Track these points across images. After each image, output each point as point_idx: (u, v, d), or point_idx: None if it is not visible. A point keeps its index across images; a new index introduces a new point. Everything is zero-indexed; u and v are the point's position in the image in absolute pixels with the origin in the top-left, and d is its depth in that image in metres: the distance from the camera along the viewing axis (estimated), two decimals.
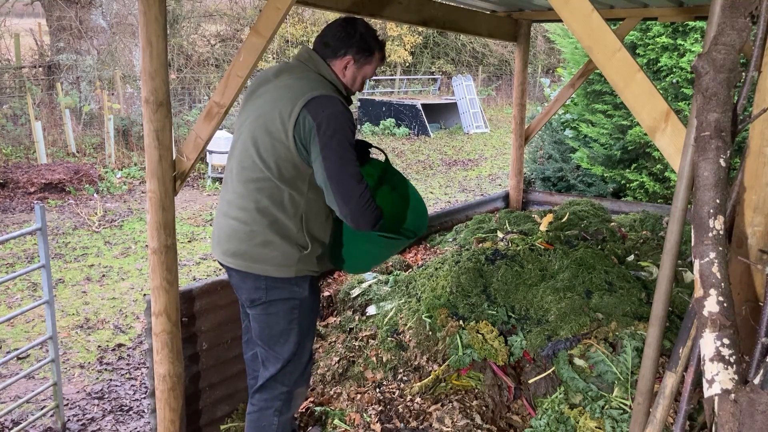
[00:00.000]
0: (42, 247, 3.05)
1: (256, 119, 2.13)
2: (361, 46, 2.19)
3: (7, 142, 10.38)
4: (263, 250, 2.12)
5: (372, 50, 2.22)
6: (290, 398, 2.30)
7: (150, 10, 2.20)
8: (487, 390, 2.70)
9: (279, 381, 2.26)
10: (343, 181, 2.01)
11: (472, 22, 4.15)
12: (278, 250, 2.13)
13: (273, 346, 2.24)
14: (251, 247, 2.14)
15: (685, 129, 1.54)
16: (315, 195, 2.13)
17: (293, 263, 2.14)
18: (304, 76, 2.14)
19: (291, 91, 2.09)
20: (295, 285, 2.18)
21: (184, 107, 12.79)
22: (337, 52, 2.18)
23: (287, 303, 2.19)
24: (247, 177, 2.14)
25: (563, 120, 8.09)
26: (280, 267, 2.14)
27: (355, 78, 2.24)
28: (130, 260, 6.32)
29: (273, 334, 2.22)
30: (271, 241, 2.12)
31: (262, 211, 2.11)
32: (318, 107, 2.02)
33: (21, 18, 15.70)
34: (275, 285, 2.16)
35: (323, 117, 2.01)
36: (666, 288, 1.60)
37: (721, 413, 1.28)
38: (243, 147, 2.16)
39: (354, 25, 2.20)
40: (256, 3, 18.16)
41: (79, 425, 3.49)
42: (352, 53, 2.18)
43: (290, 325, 2.21)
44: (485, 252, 3.31)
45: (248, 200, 2.13)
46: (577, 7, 1.67)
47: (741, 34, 1.42)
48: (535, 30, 19.74)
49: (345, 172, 2.01)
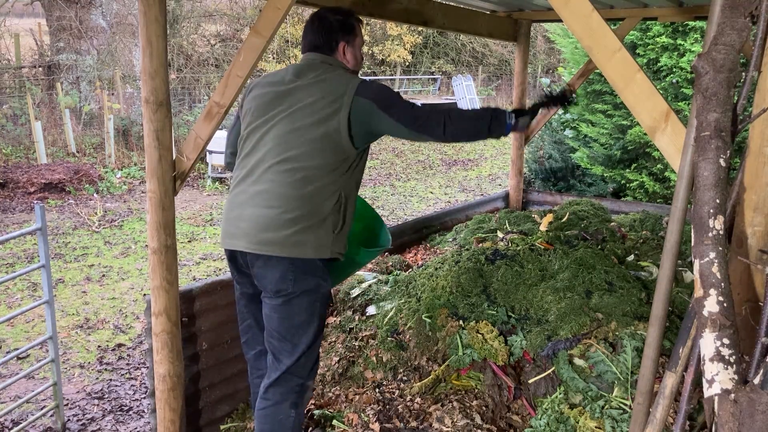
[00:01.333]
0: (42, 247, 3.05)
1: (297, 112, 2.20)
2: (342, 28, 2.33)
3: (7, 142, 10.38)
4: (302, 235, 2.15)
5: (352, 26, 2.37)
6: (304, 390, 2.31)
7: (150, 10, 2.20)
8: (487, 390, 2.70)
9: (294, 373, 2.27)
10: (422, 120, 2.19)
11: (472, 22, 4.15)
12: (316, 233, 2.17)
13: (290, 337, 2.23)
14: (290, 233, 2.14)
15: (685, 129, 1.54)
16: (352, 179, 2.27)
17: (330, 244, 2.20)
18: (330, 70, 2.27)
19: (332, 84, 2.22)
20: (322, 275, 2.23)
21: (184, 107, 12.79)
22: (331, 44, 2.31)
23: (312, 295, 2.22)
24: (289, 167, 2.16)
25: (563, 120, 8.09)
26: (318, 248, 2.18)
27: (356, 56, 2.40)
28: (130, 260, 6.32)
29: (293, 325, 2.22)
30: (309, 226, 2.16)
31: (301, 198, 2.15)
32: (365, 90, 2.19)
33: (21, 18, 15.70)
34: (304, 275, 2.19)
35: (374, 93, 2.19)
36: (666, 288, 1.60)
37: (721, 413, 1.28)
38: (283, 141, 2.19)
39: (324, 17, 2.34)
40: (256, 3, 18.16)
41: (79, 425, 3.49)
42: (342, 38, 2.33)
43: (311, 318, 2.24)
44: (485, 252, 3.31)
45: (288, 188, 2.15)
46: (577, 7, 1.67)
47: (741, 34, 1.42)
48: (535, 30, 19.73)
49: (420, 112, 2.20)
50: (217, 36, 17.95)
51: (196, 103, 13.30)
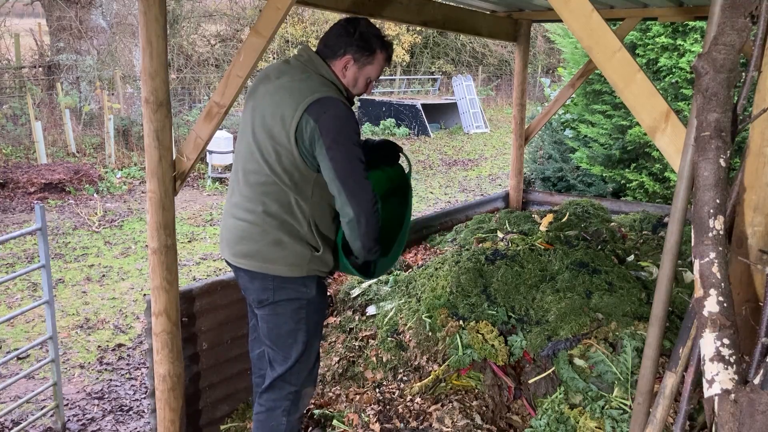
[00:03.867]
0: (42, 247, 3.05)
1: (258, 122, 2.12)
2: (361, 44, 2.12)
3: (7, 142, 10.38)
4: (275, 249, 2.12)
5: (373, 49, 2.15)
6: (298, 398, 2.30)
7: (150, 10, 2.20)
8: (487, 390, 2.70)
9: (287, 381, 2.26)
10: (353, 181, 1.99)
11: (472, 22, 4.14)
12: (289, 249, 2.12)
13: (281, 346, 2.23)
14: (263, 246, 2.13)
15: (685, 129, 1.54)
16: (320, 198, 2.12)
17: (305, 263, 2.14)
18: (304, 78, 2.10)
19: (291, 94, 2.06)
20: (302, 285, 2.18)
21: (184, 107, 12.79)
22: (336, 51, 2.13)
23: (294, 303, 2.19)
24: (253, 180, 2.13)
25: (563, 120, 8.09)
26: (291, 266, 2.13)
27: (356, 79, 2.17)
28: (130, 260, 6.32)
29: (281, 334, 2.22)
30: (281, 240, 2.12)
31: (271, 214, 2.11)
32: (319, 109, 1.99)
33: (21, 18, 15.70)
34: (283, 285, 2.16)
35: (325, 119, 1.98)
36: (666, 288, 1.60)
37: (721, 413, 1.28)
38: (248, 150, 2.15)
39: (355, 23, 2.14)
40: (256, 3, 18.16)
41: (79, 425, 3.49)
42: (352, 52, 2.12)
43: (297, 325, 2.21)
44: (485, 252, 3.31)
45: (256, 203, 2.12)
46: (577, 7, 1.67)
47: (741, 34, 1.42)
48: (535, 30, 19.74)
49: (355, 173, 1.99)
50: (217, 36, 17.95)
51: (196, 103, 13.30)
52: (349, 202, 2.00)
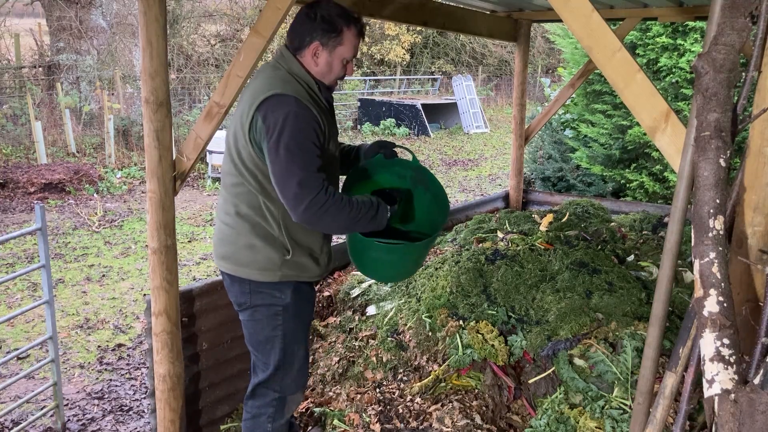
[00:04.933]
0: (42, 247, 3.05)
1: (231, 126, 2.12)
2: (325, 27, 2.02)
3: (7, 142, 10.38)
4: (248, 253, 2.11)
5: (338, 28, 2.03)
6: (283, 404, 2.26)
7: (150, 10, 2.20)
8: (487, 390, 2.70)
9: (269, 387, 2.23)
10: (288, 185, 1.92)
11: (472, 22, 4.14)
12: (261, 253, 2.10)
13: (260, 351, 2.21)
14: (237, 249, 2.13)
15: (685, 129, 1.54)
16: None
17: (276, 268, 2.11)
18: (269, 75, 2.04)
19: (251, 93, 2.02)
20: (277, 290, 2.14)
21: (184, 107, 12.80)
22: (303, 41, 2.05)
23: (270, 309, 2.16)
24: (227, 182, 2.14)
25: (563, 120, 8.09)
26: (263, 271, 2.11)
27: (330, 63, 2.07)
28: (130, 260, 6.32)
29: (260, 340, 2.20)
30: (254, 244, 2.10)
31: (243, 216, 2.10)
32: (268, 108, 1.94)
33: (21, 18, 15.70)
34: (258, 290, 2.14)
35: (273, 118, 1.92)
36: (666, 288, 1.60)
37: (721, 413, 1.28)
38: (225, 154, 2.16)
39: (315, 7, 2.04)
40: (256, 3, 18.16)
41: (79, 425, 3.49)
42: (318, 38, 2.03)
43: (274, 332, 2.17)
44: (485, 252, 3.31)
45: (230, 205, 2.14)
46: (577, 7, 1.67)
47: (741, 34, 1.42)
48: (535, 30, 19.74)
49: (290, 176, 1.91)
50: (217, 36, 17.96)
51: (196, 103, 13.30)
52: (287, 207, 1.97)
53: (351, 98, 17.33)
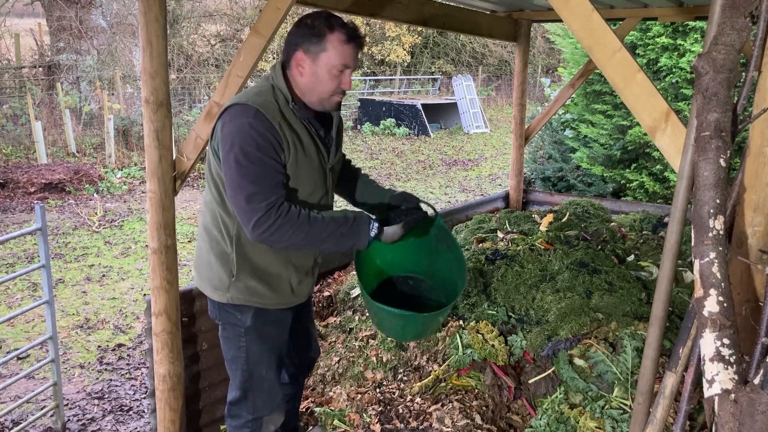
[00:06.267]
0: (42, 247, 3.05)
1: None
2: (307, 32, 1.87)
3: (7, 142, 10.39)
4: (206, 269, 2.09)
5: (320, 32, 1.85)
6: (259, 426, 2.19)
7: (150, 11, 2.20)
8: (487, 390, 2.70)
9: (242, 408, 2.17)
10: (237, 200, 1.84)
11: (472, 22, 4.15)
12: (214, 271, 2.05)
13: (230, 369, 2.17)
14: (200, 264, 2.12)
15: (685, 129, 1.54)
16: None
17: (225, 289, 2.03)
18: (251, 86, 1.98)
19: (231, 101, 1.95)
20: (237, 311, 2.07)
21: (184, 107, 12.80)
22: (289, 52, 1.92)
23: (234, 329, 2.10)
24: (204, 194, 2.11)
25: (563, 120, 8.10)
26: (214, 290, 2.07)
27: (316, 74, 1.89)
28: (130, 260, 6.32)
29: (228, 359, 2.16)
30: (210, 261, 2.06)
31: (205, 228, 2.08)
32: (227, 117, 1.86)
33: (21, 18, 15.71)
34: (221, 307, 2.09)
35: (228, 128, 1.84)
36: (666, 288, 1.60)
37: (721, 413, 1.28)
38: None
39: (307, 17, 1.92)
40: (256, 3, 18.16)
41: (79, 425, 3.49)
42: (301, 44, 1.88)
43: (238, 352, 2.11)
44: (485, 252, 3.31)
45: (201, 215, 2.13)
46: (577, 7, 1.67)
47: (741, 34, 1.42)
48: (535, 30, 19.75)
49: (239, 191, 1.82)
50: (217, 36, 17.96)
51: (196, 103, 13.31)
52: (240, 219, 1.87)
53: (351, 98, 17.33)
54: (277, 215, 1.82)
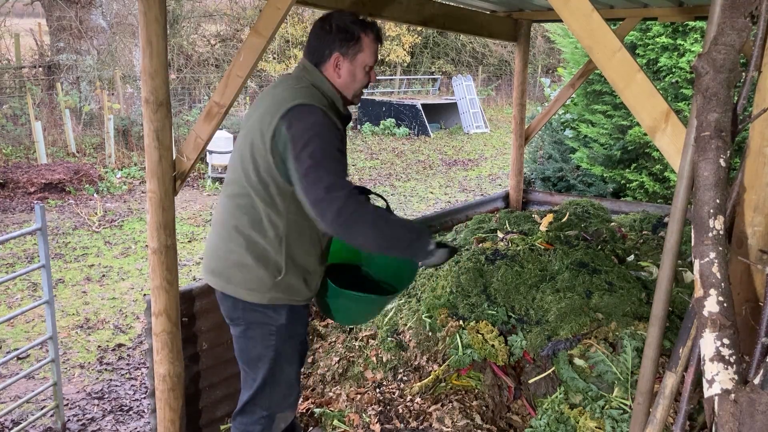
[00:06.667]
0: (42, 247, 3.05)
1: (246, 134, 2.07)
2: (342, 37, 2.02)
3: (7, 142, 10.38)
4: (237, 271, 2.05)
5: (355, 35, 2.03)
6: (271, 422, 2.21)
7: (150, 11, 2.20)
8: (487, 390, 2.70)
9: (258, 404, 2.19)
10: (315, 191, 1.87)
11: (472, 22, 4.14)
12: (252, 273, 2.04)
13: (251, 368, 2.18)
14: (227, 267, 2.08)
15: (685, 129, 1.54)
16: (297, 216, 2.01)
17: (266, 289, 2.04)
18: (291, 86, 2.03)
19: (274, 103, 1.99)
20: (271, 311, 2.09)
21: (184, 107, 12.80)
22: (323, 54, 2.05)
23: (264, 328, 2.10)
24: (231, 192, 2.08)
25: (563, 120, 8.10)
26: (251, 291, 2.05)
27: (353, 73, 2.07)
28: (130, 260, 6.32)
29: (251, 357, 2.16)
30: (245, 263, 2.04)
31: (240, 230, 2.04)
32: (292, 118, 1.91)
33: (21, 18, 15.71)
34: (252, 308, 2.09)
35: (298, 127, 1.90)
36: (666, 288, 1.60)
37: (721, 413, 1.28)
38: (233, 162, 2.11)
39: (328, 20, 2.05)
40: (256, 3, 18.16)
41: (79, 425, 3.49)
42: (337, 48, 2.03)
43: (267, 351, 2.12)
44: (485, 252, 3.31)
45: (229, 216, 2.07)
46: (577, 7, 1.67)
47: (741, 34, 1.42)
48: (535, 30, 19.74)
49: (317, 182, 1.86)
50: (217, 36, 17.96)
51: (196, 103, 13.31)
52: (320, 217, 1.89)
53: None
54: (357, 204, 1.87)
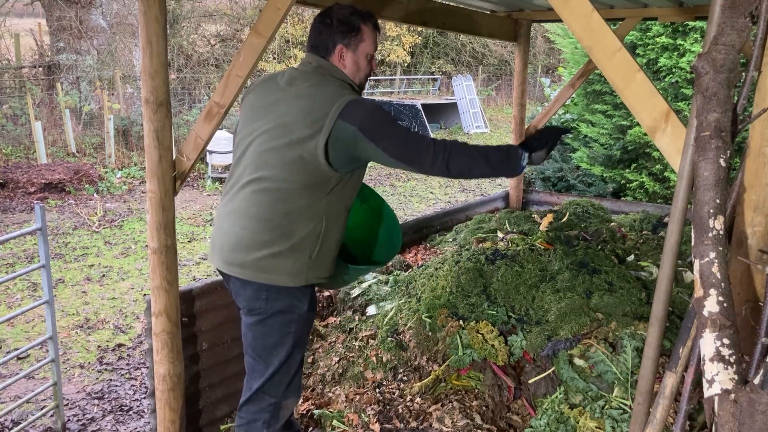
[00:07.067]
0: (42, 247, 3.05)
1: (274, 129, 2.07)
2: (343, 28, 2.11)
3: (7, 142, 10.38)
4: (273, 260, 2.07)
5: (356, 27, 2.13)
6: (278, 409, 2.24)
7: (150, 10, 2.20)
8: (487, 390, 2.70)
9: (267, 392, 2.21)
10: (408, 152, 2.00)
11: (472, 22, 4.15)
12: (289, 258, 2.07)
13: (265, 356, 2.18)
14: (260, 256, 2.08)
15: (685, 129, 1.53)
16: (336, 197, 2.11)
17: (303, 271, 2.09)
18: (322, 82, 2.09)
19: (315, 101, 2.04)
20: (296, 298, 2.13)
21: (184, 107, 12.79)
22: (327, 48, 2.13)
23: (286, 316, 2.14)
24: (263, 187, 2.07)
25: (563, 120, 8.09)
26: (290, 275, 2.08)
27: (357, 63, 2.16)
28: (130, 260, 6.32)
29: (267, 345, 2.17)
30: (280, 251, 2.06)
31: (276, 221, 2.06)
32: (352, 113, 1.99)
33: (21, 18, 15.71)
34: (277, 296, 2.11)
35: (361, 119, 1.99)
36: (666, 288, 1.60)
37: (721, 413, 1.28)
38: (259, 158, 2.10)
39: (328, 14, 2.14)
40: (256, 3, 18.16)
41: (79, 425, 3.49)
42: (339, 40, 2.12)
43: (285, 338, 2.15)
44: (485, 252, 3.31)
45: (261, 208, 2.07)
46: (577, 7, 1.67)
47: (741, 34, 1.42)
48: (535, 30, 19.74)
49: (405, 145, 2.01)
50: (217, 36, 17.96)
51: (196, 103, 13.30)
52: (420, 166, 2.03)
53: None
54: (444, 144, 2.02)
